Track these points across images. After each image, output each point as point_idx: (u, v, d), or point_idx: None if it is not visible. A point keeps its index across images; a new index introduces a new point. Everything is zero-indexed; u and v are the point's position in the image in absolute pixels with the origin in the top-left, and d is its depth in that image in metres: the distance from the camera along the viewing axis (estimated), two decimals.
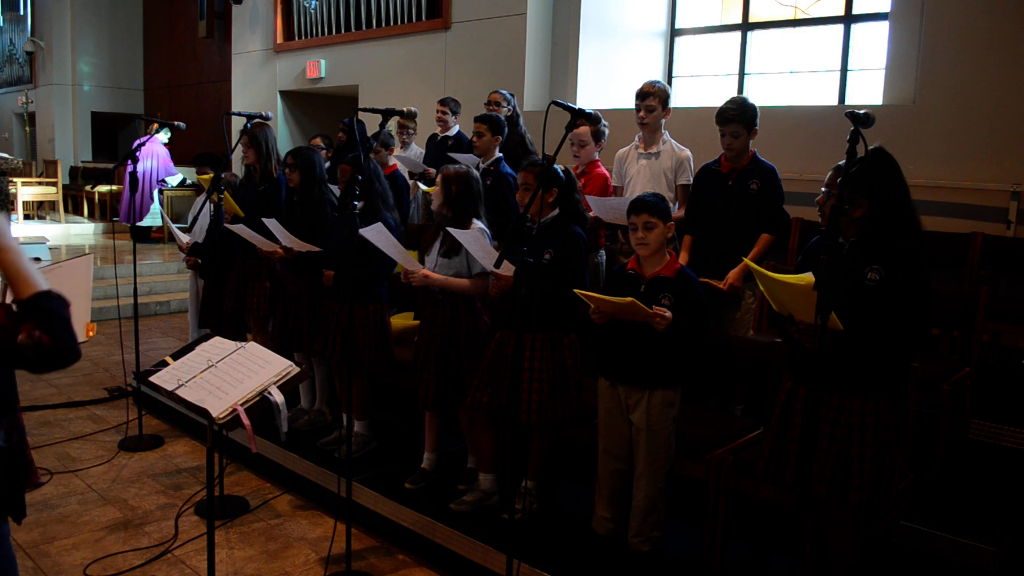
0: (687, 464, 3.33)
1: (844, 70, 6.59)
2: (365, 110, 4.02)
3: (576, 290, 3.19)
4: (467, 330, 3.87)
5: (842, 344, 2.58)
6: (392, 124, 6.60)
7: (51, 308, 1.71)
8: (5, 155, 9.47)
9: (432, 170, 5.98)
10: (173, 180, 11.27)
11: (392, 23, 9.24)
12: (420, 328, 4.05)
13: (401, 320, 4.95)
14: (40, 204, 12.85)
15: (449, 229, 3.73)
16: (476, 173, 3.96)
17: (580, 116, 2.94)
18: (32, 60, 16.07)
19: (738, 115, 3.97)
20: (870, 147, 2.67)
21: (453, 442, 4.31)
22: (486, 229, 3.84)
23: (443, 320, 3.88)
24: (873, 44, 6.40)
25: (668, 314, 3.04)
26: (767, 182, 4.03)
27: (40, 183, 12.80)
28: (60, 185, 12.70)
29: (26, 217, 12.10)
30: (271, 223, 4.51)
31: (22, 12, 16.36)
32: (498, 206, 4.89)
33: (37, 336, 1.67)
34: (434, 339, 3.89)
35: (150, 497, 4.30)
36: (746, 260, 3.09)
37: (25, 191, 12.15)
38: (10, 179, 9.64)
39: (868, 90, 6.42)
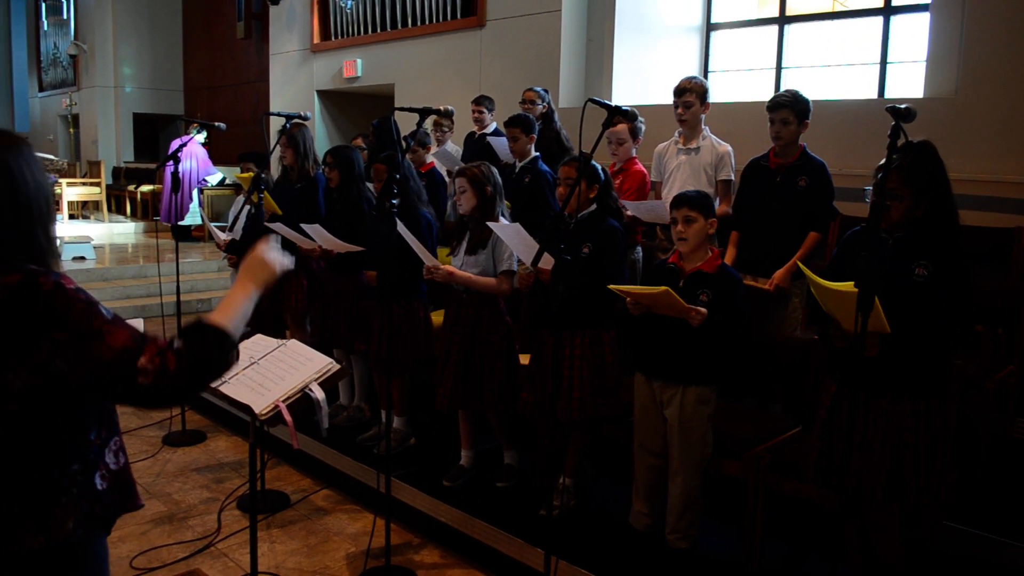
0: (725, 462, 3.31)
1: (884, 63, 6.48)
2: (402, 109, 4.02)
3: (611, 286, 3.18)
4: (488, 331, 3.85)
5: (891, 343, 2.53)
6: (428, 122, 6.63)
7: (212, 342, 1.61)
8: (50, 156, 9.68)
9: None
10: (213, 179, 11.44)
11: (427, 22, 9.28)
12: (443, 326, 4.06)
13: (441, 317, 4.96)
14: (84, 204, 13.11)
15: (491, 224, 3.66)
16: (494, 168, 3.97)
17: (617, 113, 2.92)
18: (75, 63, 16.39)
19: (790, 102, 3.90)
20: (915, 140, 2.62)
21: (490, 439, 4.33)
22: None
23: (465, 319, 3.88)
24: (913, 36, 6.29)
25: (703, 311, 3.03)
26: (817, 179, 3.94)
27: (84, 183, 13.07)
28: (103, 185, 12.95)
29: (71, 217, 12.35)
30: (313, 229, 4.54)
31: (65, 16, 16.71)
32: (538, 204, 4.89)
33: (160, 362, 1.53)
34: (455, 338, 3.90)
35: (193, 491, 4.39)
36: (798, 263, 3.03)
37: (70, 191, 12.40)
38: (56, 180, 9.84)
39: (908, 83, 6.31)
